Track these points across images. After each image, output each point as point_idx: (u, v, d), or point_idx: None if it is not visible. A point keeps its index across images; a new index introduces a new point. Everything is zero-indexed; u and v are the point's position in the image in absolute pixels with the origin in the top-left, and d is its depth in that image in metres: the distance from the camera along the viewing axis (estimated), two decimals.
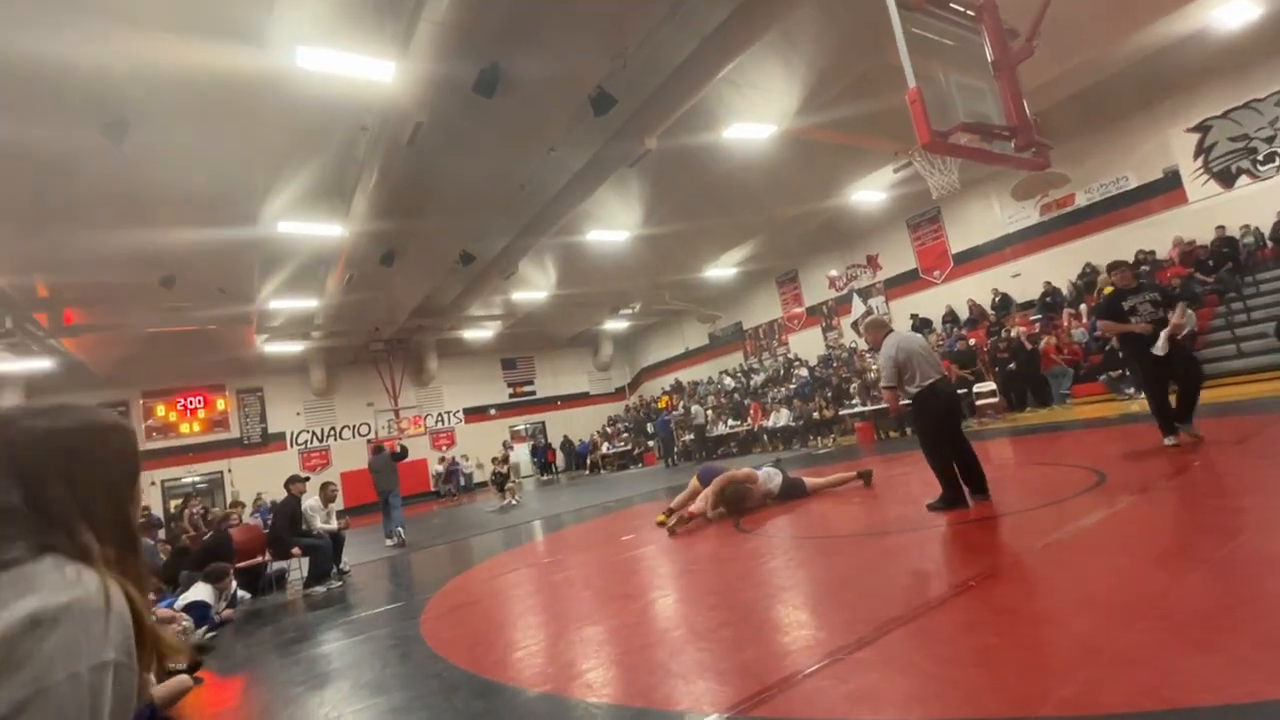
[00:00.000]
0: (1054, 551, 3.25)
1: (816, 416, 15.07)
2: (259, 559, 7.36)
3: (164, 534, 10.51)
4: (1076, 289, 13.14)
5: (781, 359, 20.04)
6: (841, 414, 14.73)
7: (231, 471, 19.58)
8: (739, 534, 5.36)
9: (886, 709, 2.03)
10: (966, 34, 5.12)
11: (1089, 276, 13.06)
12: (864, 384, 14.24)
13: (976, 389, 11.98)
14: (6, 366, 14.03)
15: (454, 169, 9.90)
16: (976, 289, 15.08)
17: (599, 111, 8.06)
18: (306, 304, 14.71)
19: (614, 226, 13.25)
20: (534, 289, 17.10)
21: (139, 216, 9.52)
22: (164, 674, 3.28)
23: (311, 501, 7.46)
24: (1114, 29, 8.90)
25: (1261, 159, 11.10)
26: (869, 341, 5.25)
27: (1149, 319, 5.42)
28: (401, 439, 19.60)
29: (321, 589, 6.68)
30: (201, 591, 5.69)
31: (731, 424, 17.82)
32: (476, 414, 24.17)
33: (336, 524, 7.54)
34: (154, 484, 18.10)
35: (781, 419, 16.04)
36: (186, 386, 19.41)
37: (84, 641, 0.66)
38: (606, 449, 21.73)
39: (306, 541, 7.03)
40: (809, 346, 19.49)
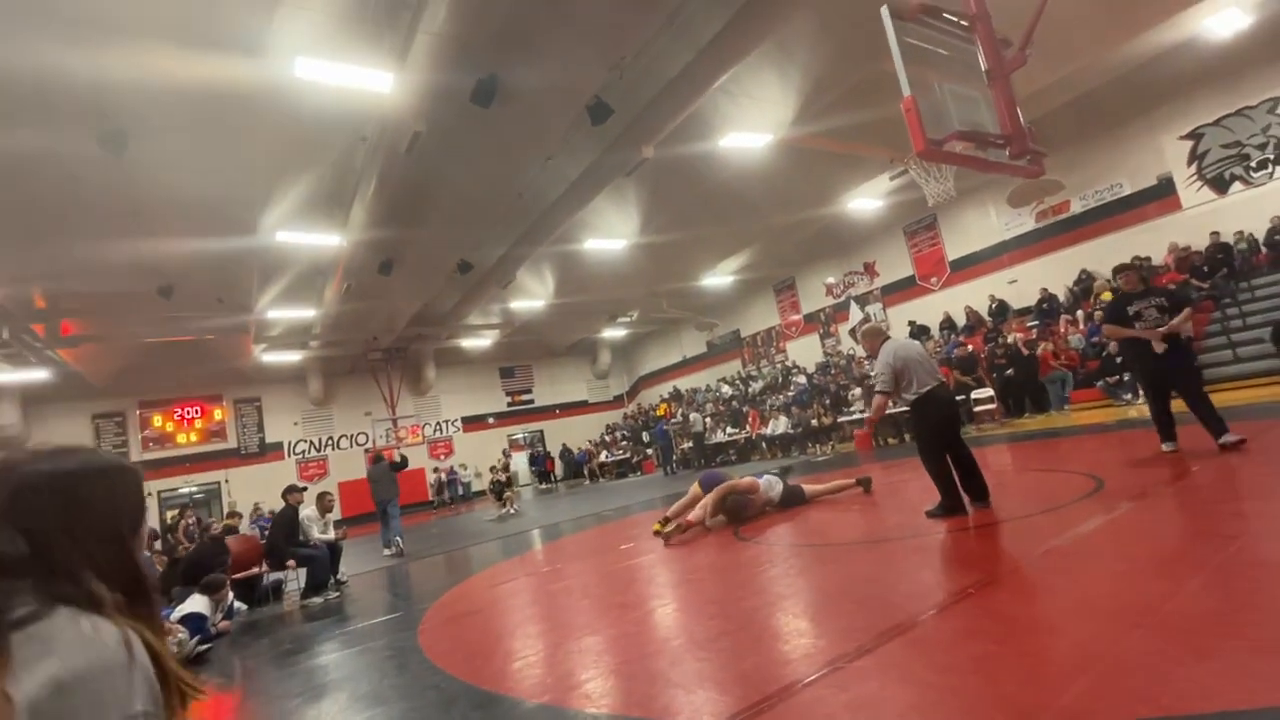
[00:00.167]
0: (1053, 558, 3.25)
1: (815, 424, 15.08)
2: (255, 570, 7.32)
3: (160, 545, 10.47)
4: (1073, 295, 13.19)
5: (779, 366, 20.05)
6: (840, 421, 14.74)
7: (229, 482, 19.51)
8: (738, 542, 5.35)
9: (886, 718, 2.02)
10: (960, 43, 5.17)
11: (1085, 282, 13.11)
12: (867, 389, 14.22)
13: (974, 395, 12.00)
14: (3, 377, 14.02)
15: (452, 178, 9.93)
16: (973, 295, 15.13)
17: (596, 121, 8.10)
18: (304, 313, 14.71)
19: (611, 235, 13.28)
20: (532, 297, 17.12)
21: (137, 226, 9.52)
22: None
23: (308, 511, 7.43)
24: (1106, 38, 8.98)
25: (1254, 165, 11.17)
26: (867, 349, 5.24)
27: (1153, 324, 5.26)
28: (400, 448, 19.60)
29: (319, 600, 6.65)
30: (197, 603, 5.65)
31: (730, 432, 17.80)
32: (474, 423, 24.12)
33: (334, 534, 7.51)
34: (151, 495, 18.00)
35: (780, 426, 16.03)
36: (184, 397, 19.34)
37: (110, 699, 0.65)
38: (605, 457, 21.68)
39: (304, 552, 6.99)
40: (807, 354, 19.51)
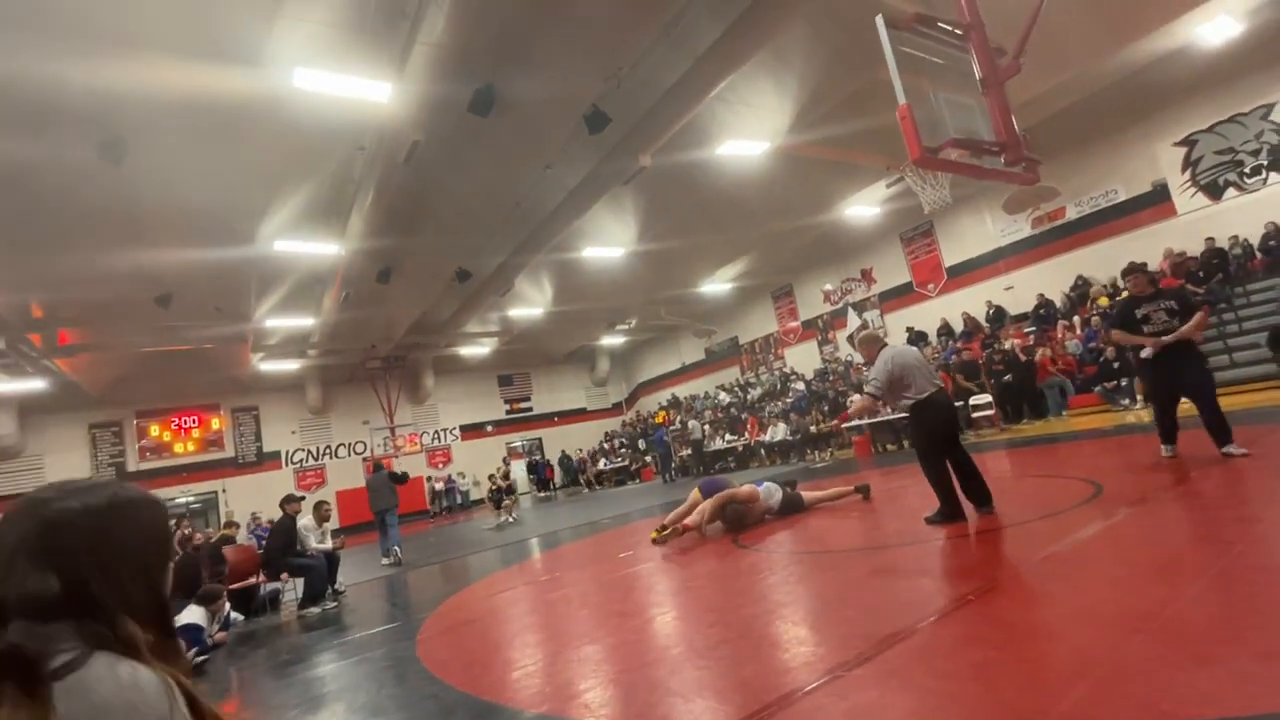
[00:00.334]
0: (1052, 564, 3.24)
1: (813, 430, 15.07)
2: (253, 580, 7.28)
3: None
4: (1070, 301, 13.24)
5: (777, 373, 20.06)
6: (839, 427, 14.73)
7: (226, 491, 19.42)
8: (738, 549, 5.34)
9: None
10: (955, 52, 5.21)
11: (1081, 288, 13.17)
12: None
13: (972, 401, 12.01)
14: (1, 388, 13.97)
15: (450, 187, 9.97)
16: (970, 302, 15.16)
17: (594, 130, 8.14)
18: (303, 322, 14.71)
19: (609, 243, 13.32)
20: (530, 305, 17.14)
21: (135, 236, 9.54)
22: None
23: (305, 521, 7.40)
24: (1099, 46, 9.05)
25: (1248, 172, 11.24)
26: (864, 356, 5.23)
27: (1162, 327, 5.04)
28: (398, 456, 19.55)
29: (316, 610, 6.61)
30: (193, 614, 5.62)
31: (729, 439, 17.79)
32: (473, 431, 24.09)
33: (331, 543, 7.48)
34: None
35: (778, 433, 16.03)
36: (181, 406, 19.27)
37: None
38: (604, 464, 21.63)
39: (301, 561, 6.96)
40: (805, 360, 19.52)
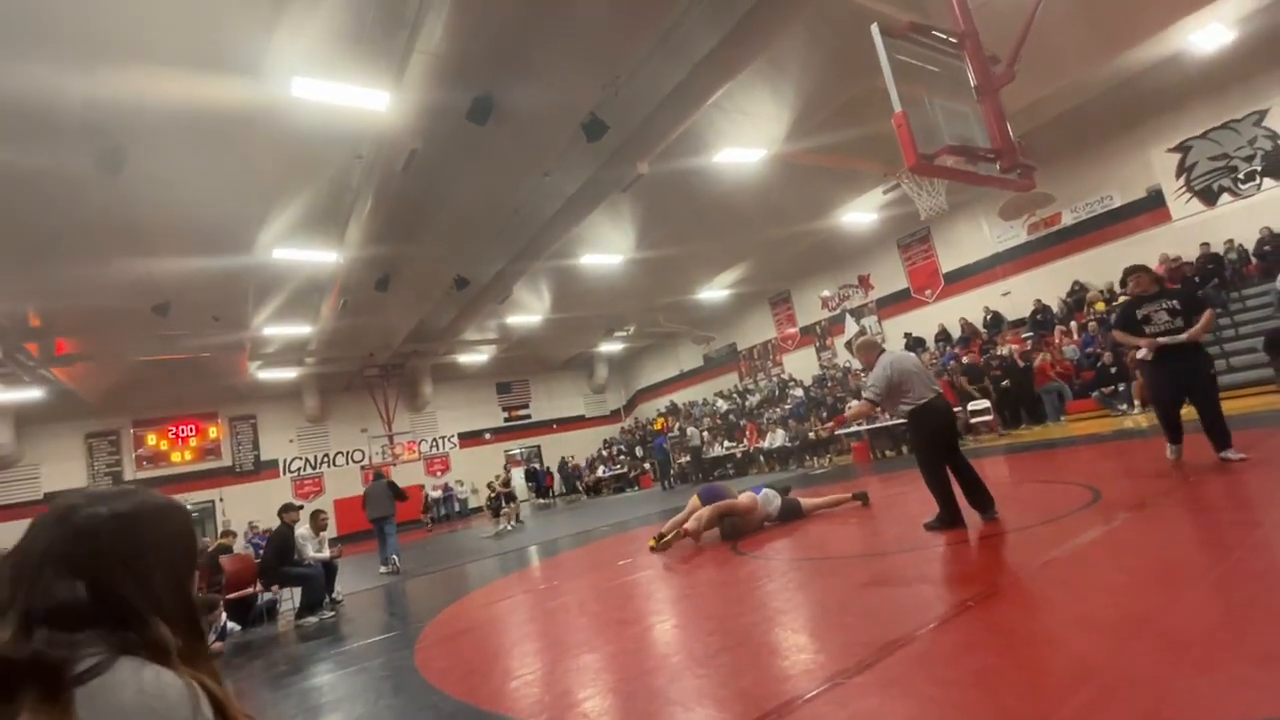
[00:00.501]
0: (1052, 570, 3.24)
1: (812, 436, 15.06)
2: (250, 589, 7.25)
3: None
4: (1067, 306, 13.28)
5: (776, 379, 20.07)
6: (837, 433, 14.71)
7: (223, 500, 19.33)
8: (736, 557, 5.33)
9: None
10: (950, 60, 5.25)
11: (1078, 294, 13.21)
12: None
13: (971, 407, 12.02)
14: None
15: (448, 195, 9.98)
16: (968, 308, 15.20)
17: (592, 138, 8.17)
18: (300, 330, 14.68)
19: (608, 250, 13.34)
20: (528, 312, 17.14)
21: (134, 245, 9.53)
22: None
23: (302, 530, 7.38)
24: (1092, 54, 9.12)
25: (1242, 177, 11.31)
26: (862, 362, 5.23)
27: (1163, 327, 4.97)
28: (396, 464, 19.48)
29: (314, 619, 6.57)
30: None
31: (727, 445, 17.77)
32: (471, 438, 24.03)
33: (329, 552, 7.45)
34: None
35: (777, 439, 16.02)
36: (178, 415, 19.22)
37: None
38: (603, 471, 21.59)
39: (298, 570, 6.93)
40: (803, 367, 19.53)
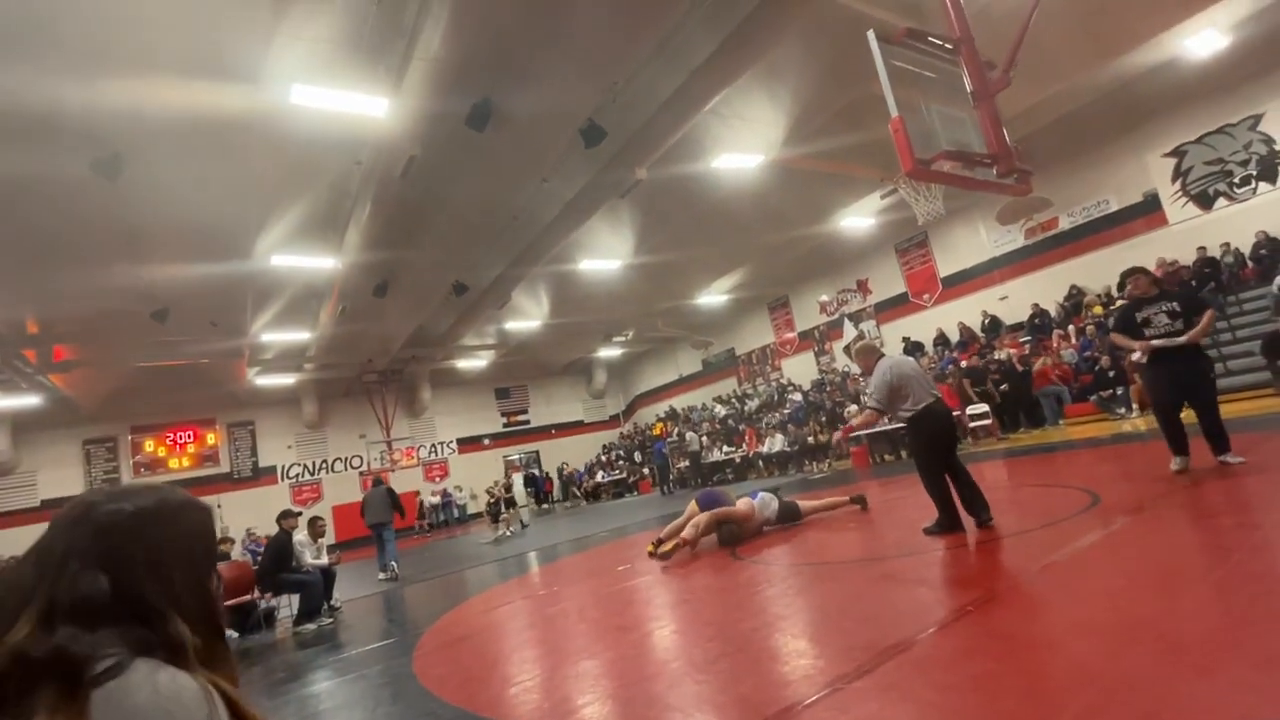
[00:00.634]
0: (1051, 574, 3.24)
1: (811, 441, 15.06)
2: (248, 596, 7.22)
3: None
4: (1064, 310, 13.31)
5: (774, 384, 20.08)
6: (836, 438, 14.72)
7: (221, 507, 19.23)
8: (735, 562, 5.32)
9: None
10: (946, 66, 5.28)
11: (1075, 298, 13.24)
12: (863, 407, 14.20)
13: (970, 410, 12.02)
14: None
15: (447, 201, 10.00)
16: (966, 312, 15.23)
17: (590, 143, 8.19)
18: (299, 336, 14.69)
19: (606, 255, 13.37)
20: (527, 318, 17.16)
21: (132, 251, 9.54)
22: None
23: (300, 537, 7.36)
24: (1088, 59, 9.17)
25: (1238, 182, 11.36)
26: (861, 367, 5.23)
27: (1162, 330, 4.90)
28: (395, 470, 19.44)
29: (312, 626, 6.55)
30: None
31: (726, 450, 17.76)
32: (470, 444, 24.00)
33: (327, 559, 7.43)
34: None
35: (776, 444, 16.00)
36: (176, 421, 19.19)
37: None
38: (602, 476, 21.55)
39: (296, 577, 6.90)
40: (802, 371, 19.55)
